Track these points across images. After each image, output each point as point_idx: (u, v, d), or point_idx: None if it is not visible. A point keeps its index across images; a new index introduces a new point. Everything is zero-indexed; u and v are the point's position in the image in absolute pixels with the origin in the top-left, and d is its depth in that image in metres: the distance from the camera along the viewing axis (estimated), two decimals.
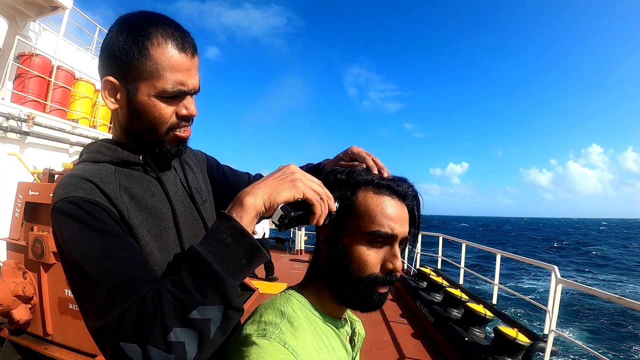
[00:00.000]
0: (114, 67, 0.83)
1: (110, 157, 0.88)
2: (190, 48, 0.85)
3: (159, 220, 0.87)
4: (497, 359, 3.70)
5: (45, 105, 7.73)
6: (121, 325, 0.59)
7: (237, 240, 0.62)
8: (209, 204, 1.11)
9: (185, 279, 0.60)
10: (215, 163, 1.25)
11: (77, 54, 10.02)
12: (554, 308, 3.56)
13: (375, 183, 0.83)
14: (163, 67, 0.81)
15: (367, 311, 0.82)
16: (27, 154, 6.97)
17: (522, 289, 18.96)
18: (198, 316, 0.58)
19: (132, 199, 0.83)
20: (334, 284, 0.82)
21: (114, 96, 0.85)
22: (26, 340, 3.73)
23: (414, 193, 0.86)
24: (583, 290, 3.33)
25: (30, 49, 7.83)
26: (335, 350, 0.81)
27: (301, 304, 0.81)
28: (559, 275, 3.60)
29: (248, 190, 0.66)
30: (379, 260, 0.79)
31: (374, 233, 0.78)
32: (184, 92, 0.85)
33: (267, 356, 0.66)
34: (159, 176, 0.92)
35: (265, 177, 0.70)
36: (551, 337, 3.46)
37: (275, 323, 0.74)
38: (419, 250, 8.91)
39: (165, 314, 0.57)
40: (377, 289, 0.80)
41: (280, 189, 0.67)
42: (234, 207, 0.65)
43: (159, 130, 0.87)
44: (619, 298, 2.85)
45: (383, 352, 4.50)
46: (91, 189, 0.77)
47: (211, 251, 0.61)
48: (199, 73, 0.89)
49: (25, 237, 3.86)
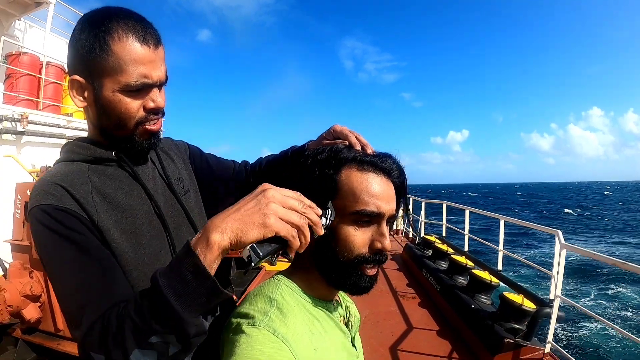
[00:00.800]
0: (79, 65, 0.84)
1: (84, 156, 0.89)
2: (152, 40, 0.84)
3: (132, 218, 0.88)
4: (503, 325, 3.72)
5: (37, 102, 7.68)
6: (89, 337, 0.66)
7: (198, 280, 0.60)
8: (193, 194, 1.11)
9: (145, 309, 0.62)
10: (199, 152, 1.24)
11: (66, 48, 9.81)
12: (559, 273, 3.55)
13: (358, 160, 0.80)
14: (125, 61, 0.81)
15: (357, 294, 0.81)
16: (25, 154, 6.97)
17: (528, 254, 19.04)
18: (157, 340, 0.62)
19: (104, 200, 0.85)
20: (322, 267, 0.80)
21: (81, 94, 0.86)
22: (39, 338, 3.81)
23: (399, 168, 0.83)
24: (587, 255, 3.32)
25: (17, 48, 7.72)
26: (328, 333, 0.79)
27: (290, 289, 0.80)
28: (562, 240, 3.57)
29: (217, 223, 0.61)
30: (366, 240, 0.77)
31: (360, 212, 0.75)
32: (148, 85, 0.85)
33: (257, 345, 0.65)
34: (134, 171, 0.93)
35: (237, 206, 0.64)
36: (557, 303, 3.46)
37: (265, 311, 0.73)
38: (423, 218, 8.93)
39: (125, 338, 0.61)
40: (366, 271, 0.78)
41: (248, 228, 0.60)
42: (200, 242, 0.61)
43: (127, 125, 0.87)
44: (623, 263, 2.83)
45: (390, 323, 4.52)
46: (61, 195, 0.79)
47: (172, 287, 0.60)
48: (165, 64, 0.89)
49: (27, 237, 3.90)
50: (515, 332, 3.62)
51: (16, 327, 3.97)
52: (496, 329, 3.70)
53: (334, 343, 0.80)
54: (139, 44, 0.81)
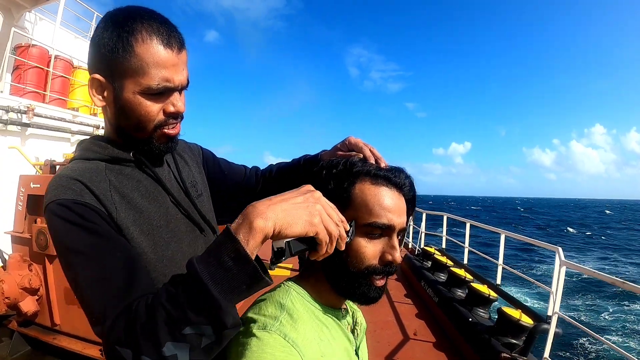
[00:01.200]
0: (100, 64, 0.82)
1: (101, 155, 0.88)
2: (176, 43, 0.83)
3: (149, 220, 0.87)
4: (500, 339, 3.72)
5: (44, 95, 7.71)
6: (113, 331, 0.62)
7: (239, 265, 0.58)
8: (206, 197, 1.11)
9: (181, 297, 0.58)
10: (212, 156, 1.24)
11: (74, 42, 9.91)
12: (558, 290, 3.55)
13: (372, 174, 0.81)
14: (148, 63, 0.79)
15: (365, 304, 0.81)
16: (29, 146, 6.98)
17: (528, 270, 18.94)
18: (191, 332, 0.58)
19: (122, 199, 0.84)
20: (332, 276, 0.81)
21: (101, 94, 0.85)
22: (35, 331, 3.79)
23: (410, 183, 0.84)
24: (586, 273, 3.31)
25: (27, 40, 7.77)
26: (336, 340, 0.80)
27: (300, 295, 0.81)
28: (562, 257, 3.57)
29: (261, 209, 0.60)
30: (377, 252, 0.78)
31: (372, 224, 0.76)
32: (170, 89, 0.84)
33: (268, 349, 0.66)
34: (155, 173, 0.93)
35: (284, 196, 0.63)
36: (555, 319, 3.45)
37: (275, 316, 0.73)
38: (423, 229, 8.91)
39: (158, 329, 0.58)
40: (375, 282, 0.79)
41: (296, 220, 0.60)
42: (242, 227, 0.59)
43: (146, 128, 0.86)
44: (623, 282, 2.83)
45: (388, 333, 4.53)
46: (80, 190, 0.78)
47: (211, 273, 0.58)
48: (187, 68, 0.88)
49: (29, 229, 3.90)
50: (512, 347, 3.62)
51: (12, 319, 3.97)
52: (493, 343, 3.70)
53: (340, 351, 0.81)
54: (163, 47, 0.80)
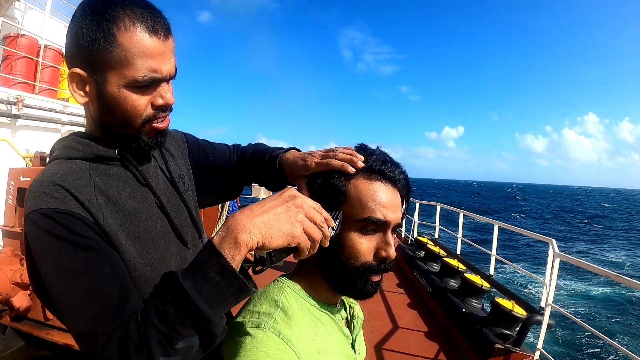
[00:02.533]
0: (80, 57, 0.75)
1: (84, 153, 0.82)
2: (162, 30, 0.77)
3: (137, 222, 0.83)
4: (493, 330, 3.75)
5: (34, 86, 7.57)
6: (106, 351, 0.62)
7: (226, 280, 0.59)
8: (192, 192, 1.07)
9: (171, 315, 0.60)
10: (196, 143, 1.18)
11: (64, 31, 9.67)
12: (552, 281, 3.57)
13: (366, 169, 0.79)
14: (132, 53, 0.73)
15: (360, 299, 0.82)
16: (19, 137, 6.89)
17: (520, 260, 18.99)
18: (183, 345, 0.61)
19: (108, 202, 0.78)
20: (327, 273, 0.80)
21: (82, 89, 0.78)
22: (27, 326, 3.77)
23: (405, 178, 0.83)
24: (580, 265, 3.33)
25: (15, 30, 7.62)
26: (331, 336, 0.80)
27: (295, 292, 0.80)
28: (556, 249, 3.59)
29: (244, 223, 0.60)
30: (372, 249, 0.77)
31: (366, 220, 0.75)
32: (157, 80, 0.78)
33: (262, 347, 0.66)
34: (140, 172, 0.87)
35: (265, 206, 0.63)
36: (548, 311, 3.48)
37: (269, 313, 0.73)
38: (416, 219, 8.94)
39: (152, 348, 0.60)
40: (371, 278, 0.78)
41: (277, 235, 0.61)
42: (226, 241, 0.59)
43: (134, 124, 0.80)
44: (617, 276, 2.85)
45: (380, 323, 4.56)
46: (64, 197, 0.72)
47: (199, 290, 0.59)
48: (174, 56, 0.82)
49: (19, 223, 3.85)
50: (505, 338, 3.65)
51: (5, 314, 3.94)
52: (486, 333, 3.72)
53: (336, 346, 0.80)
54: (148, 34, 0.74)
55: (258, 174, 1.13)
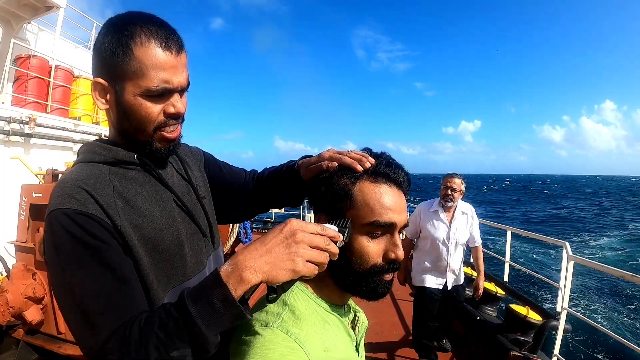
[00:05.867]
0: (102, 68, 0.85)
1: (105, 157, 0.90)
2: (175, 45, 0.86)
3: (152, 223, 0.88)
4: (509, 337, 3.68)
5: (46, 105, 7.72)
6: (108, 345, 0.69)
7: (226, 308, 0.65)
8: (208, 200, 1.14)
9: (172, 330, 0.67)
10: (213, 160, 1.26)
11: (75, 52, 9.96)
12: (566, 285, 3.51)
13: (370, 171, 0.81)
14: (147, 65, 0.82)
15: (373, 299, 0.82)
16: (32, 156, 7.00)
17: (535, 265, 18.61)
18: (177, 354, 0.67)
19: (125, 204, 0.85)
20: (337, 276, 0.81)
21: (104, 97, 0.88)
22: (40, 340, 3.78)
23: (409, 180, 0.84)
24: (595, 267, 3.28)
25: (27, 51, 7.81)
26: (337, 337, 0.80)
27: (303, 292, 0.81)
28: (570, 252, 3.53)
29: (249, 263, 0.66)
30: (380, 251, 0.79)
31: (373, 223, 0.77)
32: (169, 90, 0.86)
33: (272, 345, 0.67)
34: (160, 174, 0.95)
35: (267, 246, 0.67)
36: (564, 315, 3.41)
37: (277, 312, 0.75)
38: None
39: (149, 352, 0.66)
40: (383, 277, 0.80)
41: (280, 272, 0.66)
42: (232, 276, 0.65)
43: (147, 130, 0.88)
44: (633, 276, 2.79)
45: (395, 334, 4.52)
46: (85, 200, 0.79)
47: (201, 313, 0.65)
48: (187, 70, 0.90)
49: (32, 239, 3.89)
50: (521, 345, 3.59)
51: (18, 328, 3.96)
52: (501, 340, 3.67)
53: (342, 346, 0.80)
54: (161, 49, 0.83)
55: (275, 190, 1.18)
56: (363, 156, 0.85)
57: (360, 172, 0.82)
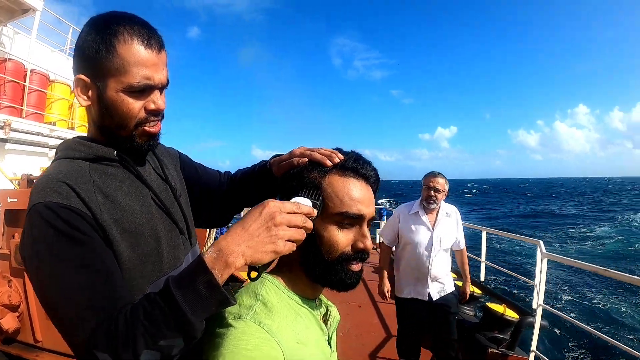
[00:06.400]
0: (85, 65, 0.87)
1: (85, 154, 0.91)
2: (156, 44, 0.89)
3: (132, 218, 0.90)
4: (487, 335, 3.75)
5: (21, 110, 7.56)
6: (95, 338, 0.68)
7: (211, 293, 0.67)
8: (185, 197, 1.16)
9: (159, 318, 0.67)
10: (188, 160, 1.29)
11: (51, 56, 9.78)
12: (541, 282, 3.60)
13: (339, 166, 0.85)
14: (129, 62, 0.84)
15: (343, 290, 0.84)
16: (7, 161, 6.84)
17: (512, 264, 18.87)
18: (165, 343, 0.68)
19: (106, 199, 0.86)
20: (308, 265, 0.84)
21: (85, 93, 0.89)
22: (17, 349, 3.69)
23: (377, 175, 0.89)
24: (568, 263, 3.37)
25: (2, 55, 7.64)
26: (310, 329, 0.83)
27: (275, 286, 0.83)
28: (544, 250, 3.64)
29: (232, 248, 0.68)
30: (349, 240, 0.82)
31: (342, 214, 0.80)
32: (150, 87, 0.89)
33: (244, 336, 0.69)
34: (138, 171, 0.97)
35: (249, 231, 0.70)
36: (539, 312, 3.50)
37: (250, 305, 0.77)
38: None
39: (137, 342, 0.66)
40: (351, 267, 0.83)
41: (262, 255, 0.69)
42: (218, 262, 0.68)
43: (128, 125, 0.90)
44: (605, 270, 2.89)
45: (373, 335, 4.54)
46: (67, 193, 0.80)
47: (186, 298, 0.67)
48: (167, 68, 0.93)
49: (7, 245, 3.80)
50: (499, 342, 3.65)
51: None
52: (480, 339, 3.72)
53: (314, 339, 0.83)
54: (143, 47, 0.86)
55: (248, 189, 1.20)
56: (332, 152, 0.88)
57: (330, 167, 0.85)
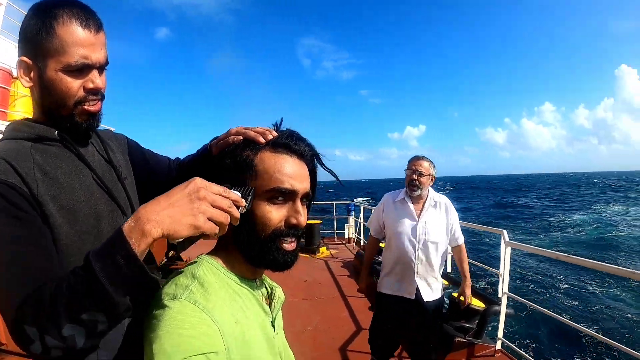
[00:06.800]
0: (27, 47, 0.92)
1: (28, 134, 0.94)
2: (94, 25, 0.93)
3: (71, 195, 0.93)
4: (453, 324, 3.76)
5: None
6: (21, 311, 0.70)
7: (129, 264, 0.66)
8: (130, 180, 1.18)
9: (79, 289, 0.67)
10: (136, 145, 1.30)
11: (15, 52, 9.19)
12: (505, 271, 3.64)
13: (272, 143, 0.85)
14: (67, 43, 0.89)
15: (277, 270, 0.85)
16: None
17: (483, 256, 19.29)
18: (87, 317, 0.67)
19: (45, 176, 0.89)
20: (242, 245, 0.83)
21: (28, 75, 0.93)
22: None
23: (312, 150, 0.88)
24: (530, 251, 3.42)
25: None
26: (249, 310, 0.82)
27: (213, 266, 0.82)
28: (507, 239, 3.67)
29: (150, 216, 0.66)
30: (282, 216, 0.82)
31: (274, 189, 0.80)
32: (88, 66, 0.92)
33: (179, 315, 0.68)
34: (78, 150, 0.99)
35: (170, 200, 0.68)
36: (504, 300, 3.54)
37: (186, 285, 0.75)
38: (362, 221, 9.08)
39: (59, 314, 0.67)
40: (283, 245, 0.82)
41: (180, 227, 0.67)
42: (134, 231, 0.66)
43: (68, 104, 0.94)
44: (567, 256, 2.93)
45: (343, 329, 4.52)
46: (5, 170, 0.83)
47: (106, 271, 0.65)
48: (105, 49, 0.98)
49: None
50: (465, 331, 3.68)
51: None
52: (447, 329, 3.74)
53: (254, 319, 0.82)
54: (81, 28, 0.90)
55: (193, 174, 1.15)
56: (267, 130, 0.89)
57: (263, 144, 0.85)
